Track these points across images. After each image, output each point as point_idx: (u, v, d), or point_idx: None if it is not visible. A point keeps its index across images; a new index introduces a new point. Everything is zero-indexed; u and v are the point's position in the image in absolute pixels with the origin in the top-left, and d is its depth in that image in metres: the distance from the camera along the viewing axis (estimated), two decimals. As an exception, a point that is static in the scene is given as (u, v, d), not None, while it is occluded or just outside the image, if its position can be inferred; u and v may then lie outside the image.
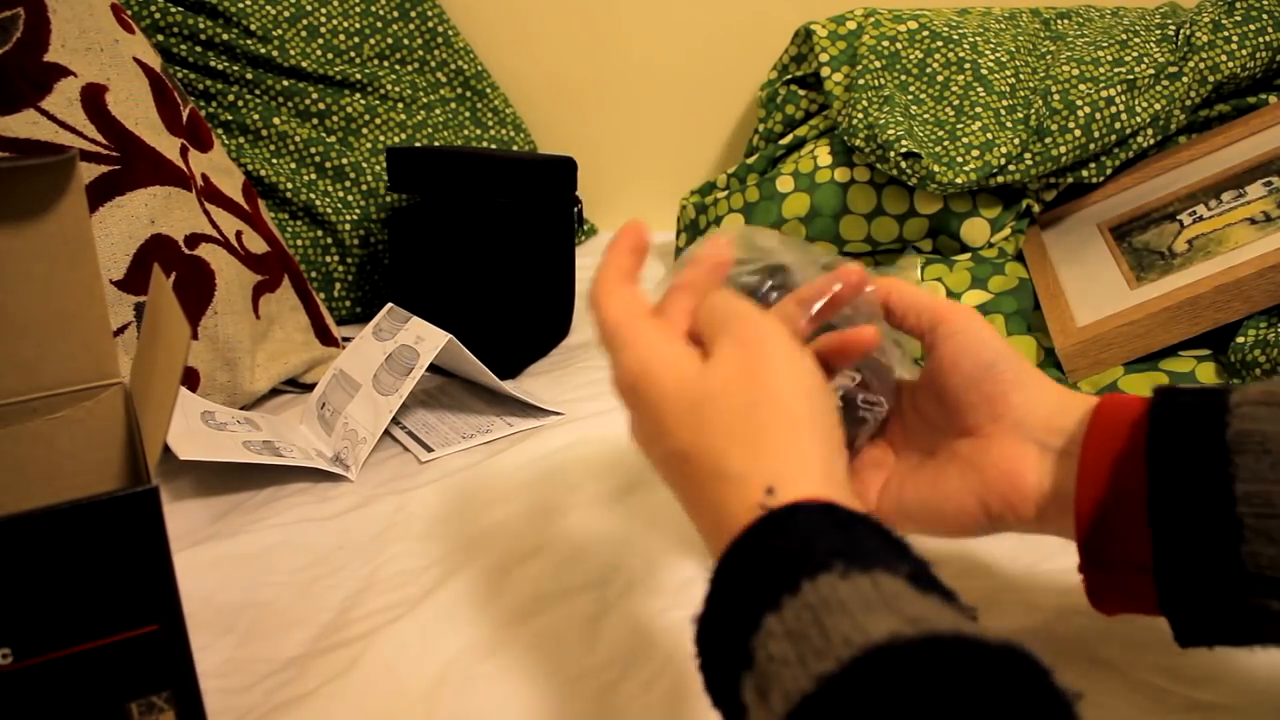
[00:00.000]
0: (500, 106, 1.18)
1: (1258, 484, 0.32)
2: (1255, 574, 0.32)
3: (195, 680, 0.35)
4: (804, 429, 0.33)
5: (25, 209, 0.43)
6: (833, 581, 0.26)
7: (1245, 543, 0.32)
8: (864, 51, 1.03)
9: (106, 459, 0.48)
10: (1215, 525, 0.33)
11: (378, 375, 0.72)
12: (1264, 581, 0.32)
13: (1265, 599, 0.32)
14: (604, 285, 0.39)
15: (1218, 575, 0.33)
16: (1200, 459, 0.33)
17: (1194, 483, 0.33)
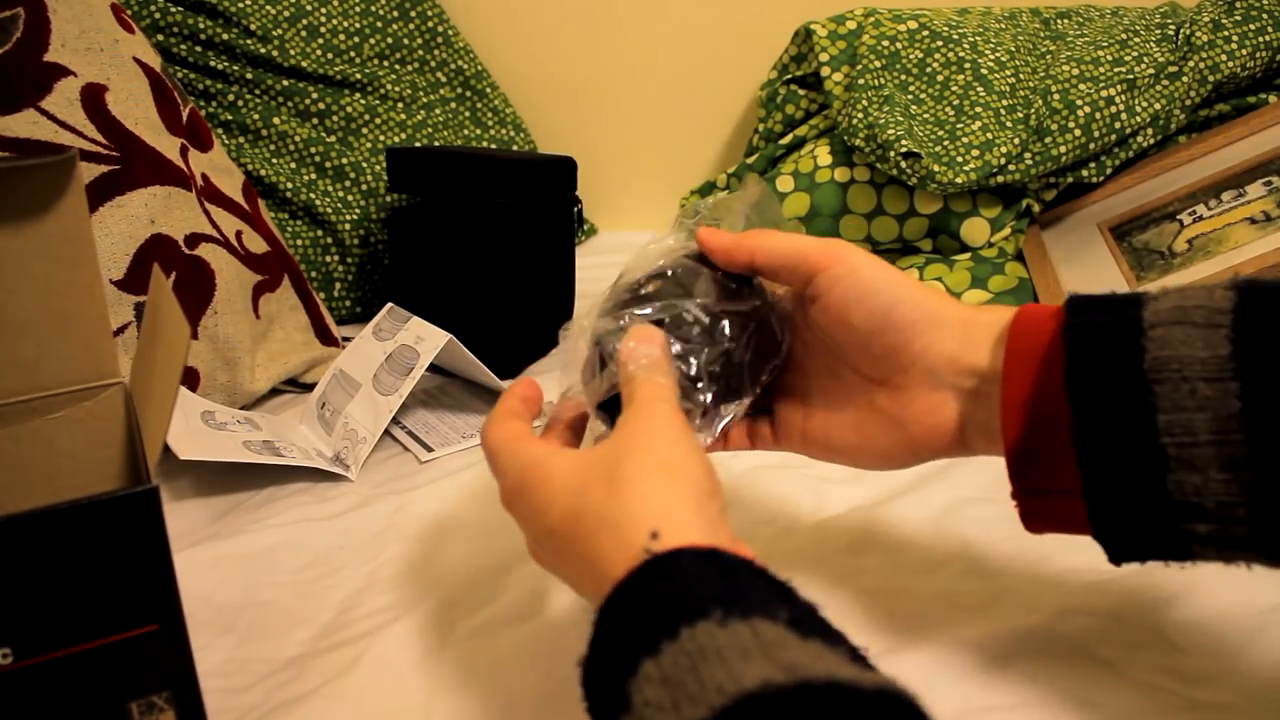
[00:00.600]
0: (500, 106, 1.18)
1: (1178, 413, 0.32)
2: (1181, 501, 0.33)
3: (195, 680, 0.35)
4: (675, 474, 0.34)
5: (25, 209, 0.43)
6: (711, 629, 0.26)
7: (1170, 472, 0.33)
8: (864, 51, 1.03)
9: (106, 459, 0.48)
10: (1140, 457, 0.33)
11: (378, 375, 0.72)
12: (1190, 507, 0.33)
13: (1192, 524, 0.33)
14: (490, 420, 0.41)
15: (1146, 504, 0.34)
16: (1120, 392, 0.33)
17: (1116, 416, 0.33)
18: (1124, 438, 0.33)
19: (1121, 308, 0.35)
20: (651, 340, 0.40)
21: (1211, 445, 0.32)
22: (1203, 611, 0.51)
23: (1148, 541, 0.35)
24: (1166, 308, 0.34)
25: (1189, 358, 0.32)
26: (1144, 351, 0.33)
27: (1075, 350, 0.35)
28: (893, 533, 0.59)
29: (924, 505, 0.62)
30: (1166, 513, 0.34)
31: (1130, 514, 0.34)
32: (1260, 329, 0.32)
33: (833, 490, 0.64)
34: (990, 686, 0.45)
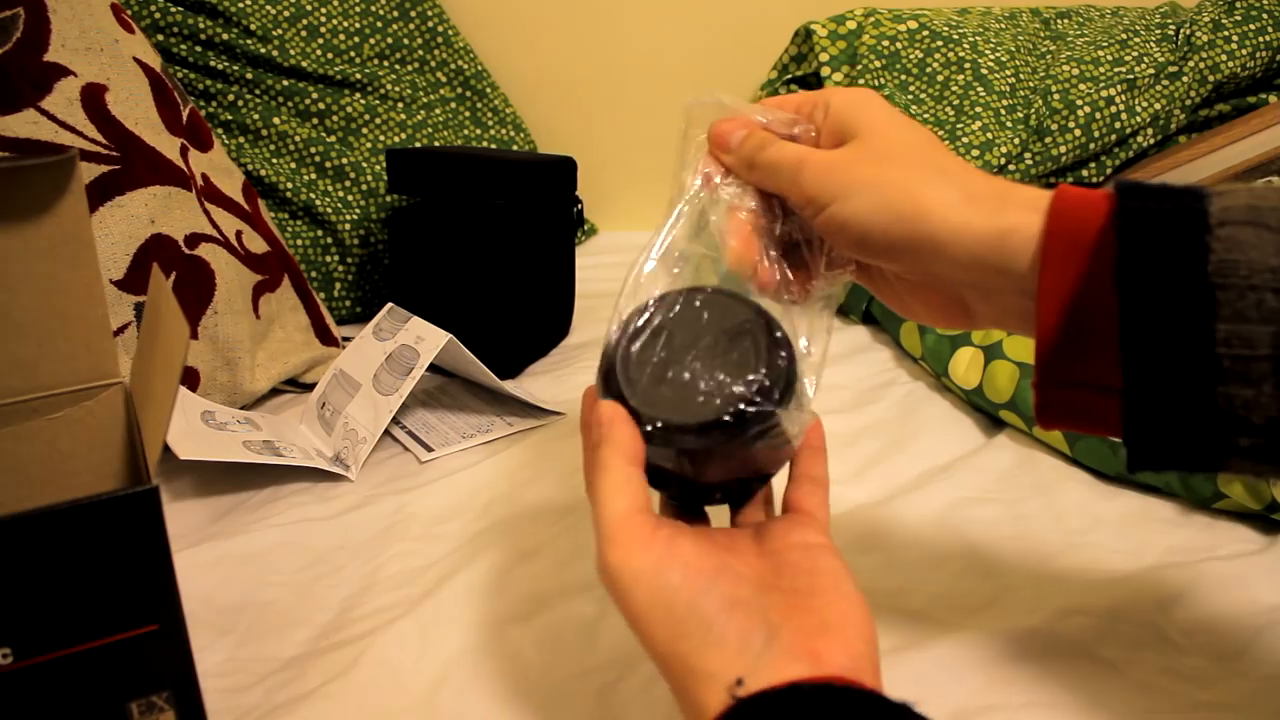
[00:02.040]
0: (500, 106, 1.18)
1: (1239, 323, 0.30)
2: (1228, 413, 0.31)
3: (195, 680, 0.35)
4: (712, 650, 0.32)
5: (25, 209, 0.43)
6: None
7: (1222, 383, 0.31)
8: (864, 51, 1.03)
9: (106, 459, 0.48)
10: (1192, 364, 0.31)
11: (378, 375, 0.72)
12: (1236, 420, 0.31)
13: (1235, 437, 0.32)
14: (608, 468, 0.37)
15: (1190, 412, 0.32)
16: (1178, 293, 0.31)
17: (1170, 318, 0.31)
18: (1177, 342, 0.31)
19: (1182, 197, 0.32)
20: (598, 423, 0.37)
21: (1270, 360, 0.30)
22: (1203, 611, 0.51)
23: (1179, 449, 0.33)
24: (1238, 205, 0.31)
25: (1259, 264, 0.30)
26: (1209, 251, 0.31)
27: (1129, 239, 0.32)
28: (893, 533, 0.59)
29: (924, 505, 0.62)
30: (1209, 423, 0.32)
31: (1169, 421, 0.32)
32: None
33: (834, 490, 0.64)
34: (990, 686, 0.45)
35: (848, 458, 0.69)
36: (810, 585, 0.35)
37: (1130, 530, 0.59)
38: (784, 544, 0.38)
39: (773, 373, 0.38)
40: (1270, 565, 0.55)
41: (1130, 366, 0.32)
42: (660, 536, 0.34)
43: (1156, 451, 0.33)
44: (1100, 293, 0.33)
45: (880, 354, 0.90)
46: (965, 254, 0.36)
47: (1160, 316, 0.31)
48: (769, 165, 0.41)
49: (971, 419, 0.76)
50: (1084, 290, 0.34)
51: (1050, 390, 0.36)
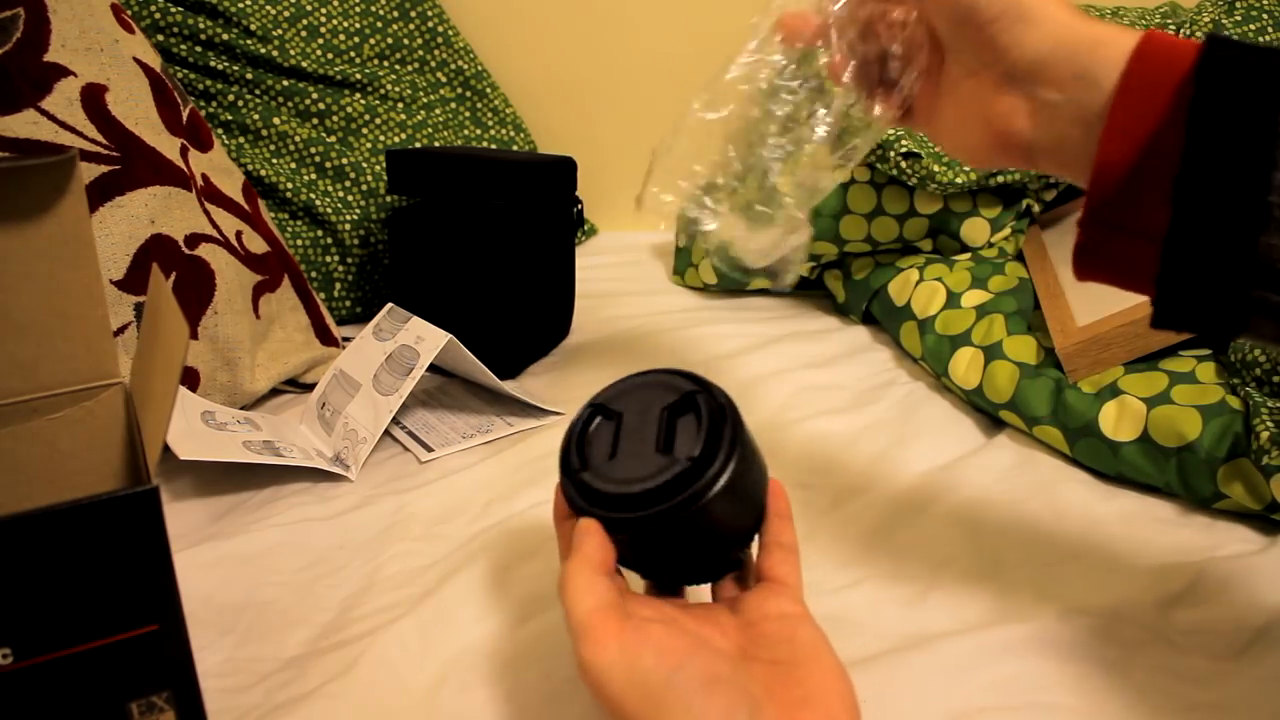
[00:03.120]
0: (500, 106, 1.18)
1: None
2: (1266, 264, 0.31)
3: (195, 680, 0.35)
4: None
5: (25, 209, 0.43)
6: None
7: (1266, 232, 0.31)
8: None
9: (106, 459, 0.48)
10: (1240, 208, 0.31)
11: (378, 375, 0.72)
12: (1272, 274, 0.31)
13: (1267, 291, 0.32)
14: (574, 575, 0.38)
15: (1228, 259, 0.32)
16: (1243, 140, 0.31)
17: (1229, 158, 0.31)
18: (1232, 183, 0.31)
19: (1270, 55, 0.32)
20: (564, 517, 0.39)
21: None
22: (1203, 611, 0.51)
23: (1208, 301, 0.33)
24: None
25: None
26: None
27: (1207, 81, 0.32)
28: (894, 533, 0.60)
29: (924, 505, 0.62)
30: (1244, 273, 0.32)
31: (1205, 266, 0.32)
32: None
33: (834, 490, 0.64)
34: (991, 686, 0.45)
35: (848, 458, 0.69)
36: (790, 656, 0.36)
37: (1130, 530, 0.59)
38: (760, 614, 0.39)
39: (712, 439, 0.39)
40: (1270, 565, 0.55)
41: (1180, 204, 0.32)
42: (629, 626, 0.35)
43: (1184, 303, 0.33)
44: (1167, 136, 0.33)
45: (880, 354, 0.90)
46: (1056, 41, 0.36)
47: (1220, 159, 0.31)
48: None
49: (971, 419, 0.76)
50: (1152, 132, 0.34)
51: (1094, 230, 0.36)
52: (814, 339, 0.94)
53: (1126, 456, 0.64)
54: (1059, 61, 0.37)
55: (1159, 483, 0.63)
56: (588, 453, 0.41)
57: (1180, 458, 0.61)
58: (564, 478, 0.41)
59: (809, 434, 0.73)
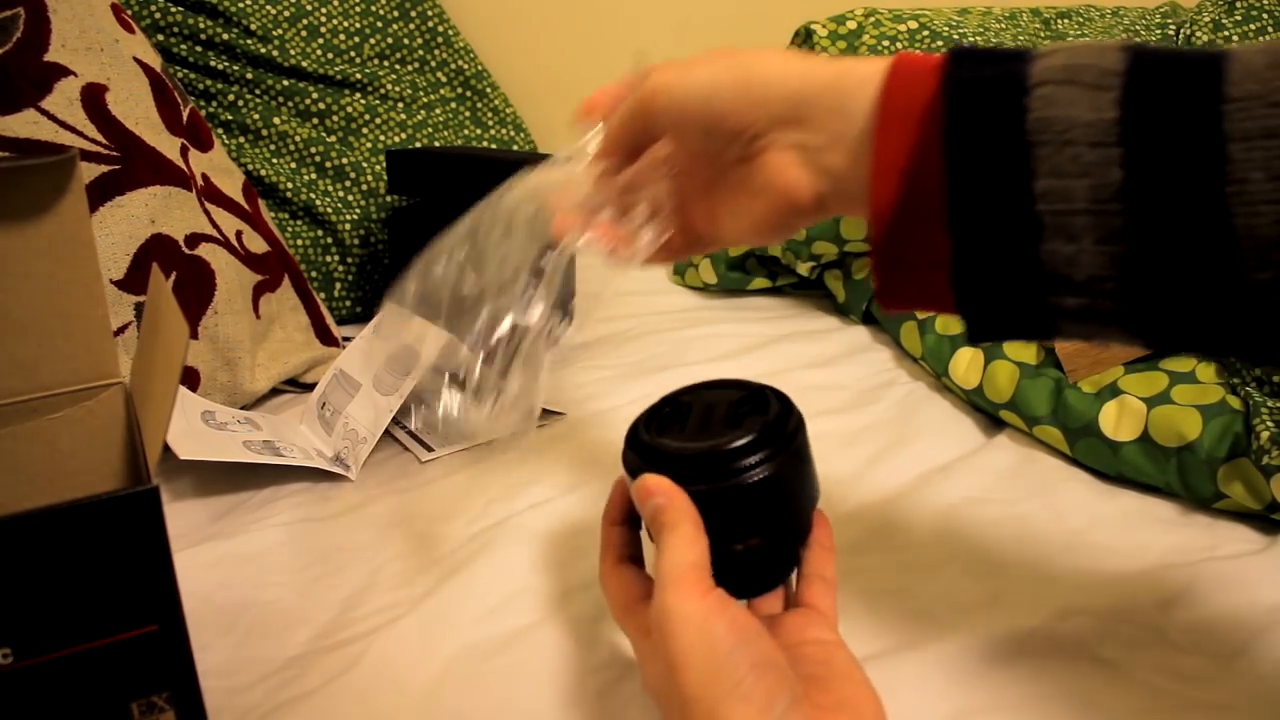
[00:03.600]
0: (500, 106, 1.18)
1: (1057, 179, 0.30)
2: (1051, 272, 0.31)
3: (196, 680, 0.35)
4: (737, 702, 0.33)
5: (25, 209, 0.43)
6: None
7: (1044, 241, 0.31)
8: (864, 51, 1.03)
9: (106, 459, 0.48)
10: (1014, 222, 0.31)
11: (378, 375, 0.72)
12: (1060, 280, 0.31)
13: (1060, 297, 0.32)
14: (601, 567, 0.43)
15: (1016, 274, 0.32)
16: (998, 152, 0.31)
17: (992, 177, 0.31)
18: (999, 201, 0.31)
19: (1008, 62, 0.33)
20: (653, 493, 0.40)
21: (1088, 215, 0.30)
22: (1203, 611, 0.51)
23: (1012, 316, 0.33)
24: (1056, 65, 0.32)
25: (1073, 119, 0.30)
26: (1027, 110, 0.31)
27: (954, 105, 0.32)
28: (894, 533, 0.59)
29: (924, 505, 0.62)
30: (1035, 284, 0.32)
31: (998, 284, 0.33)
32: (1150, 95, 0.30)
33: (834, 490, 0.64)
34: (990, 686, 0.45)
35: (848, 458, 0.69)
36: (826, 673, 0.37)
37: (1130, 530, 0.59)
38: (799, 637, 0.40)
39: (780, 420, 0.42)
40: (1270, 565, 0.55)
41: (958, 231, 0.32)
42: (715, 593, 0.36)
43: (990, 320, 0.34)
44: (930, 164, 0.33)
45: (880, 354, 0.90)
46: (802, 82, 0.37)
47: (983, 180, 0.32)
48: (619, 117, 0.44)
49: (971, 419, 0.76)
50: (916, 163, 0.34)
51: (887, 269, 0.36)
52: (814, 339, 0.94)
53: (1126, 456, 0.64)
54: (809, 101, 0.37)
55: (1159, 483, 0.63)
56: (655, 428, 0.43)
57: (1180, 458, 0.61)
58: (629, 449, 0.43)
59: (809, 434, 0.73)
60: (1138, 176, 0.30)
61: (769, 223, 0.41)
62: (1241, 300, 0.29)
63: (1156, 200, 0.30)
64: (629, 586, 0.42)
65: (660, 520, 0.38)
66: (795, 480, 0.42)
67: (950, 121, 0.32)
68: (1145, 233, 0.30)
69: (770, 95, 0.38)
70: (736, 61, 0.39)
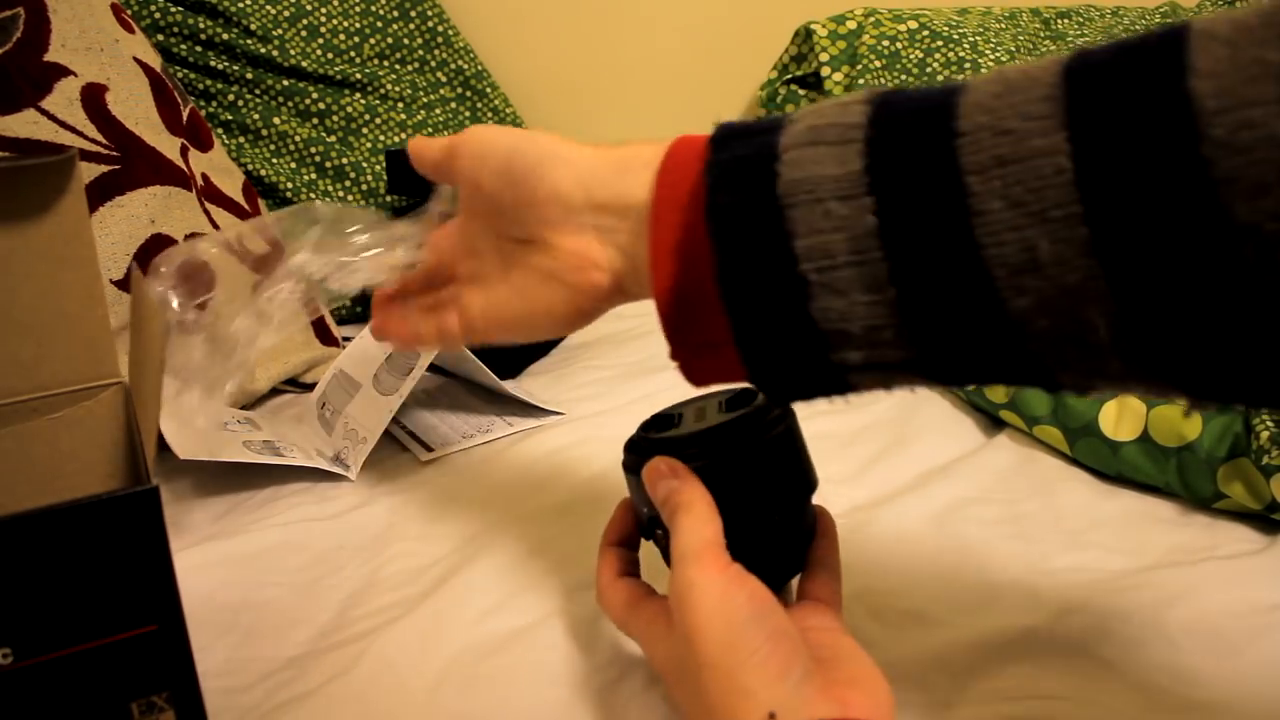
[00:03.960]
0: (500, 106, 1.18)
1: (815, 237, 0.31)
2: (829, 330, 0.31)
3: (195, 680, 0.35)
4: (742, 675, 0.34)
5: (25, 209, 0.43)
6: None
7: (813, 299, 0.31)
8: (864, 51, 1.03)
9: (106, 459, 0.48)
10: (782, 287, 0.31)
11: (378, 375, 0.72)
12: (839, 335, 0.31)
13: (843, 352, 0.32)
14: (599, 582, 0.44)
15: (794, 338, 0.32)
16: (756, 221, 0.32)
17: (754, 247, 0.32)
18: (764, 269, 0.32)
19: (761, 134, 0.33)
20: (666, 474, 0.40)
21: (851, 266, 0.30)
22: (1203, 611, 0.51)
23: (802, 379, 0.33)
24: (801, 129, 0.32)
25: (821, 177, 0.31)
26: (777, 176, 0.31)
27: (714, 183, 0.33)
28: (893, 533, 0.59)
29: (924, 505, 0.62)
30: (815, 345, 0.32)
31: (780, 351, 0.33)
32: (894, 140, 0.30)
33: (833, 490, 0.64)
34: (990, 686, 0.45)
35: (847, 458, 0.69)
36: (834, 655, 0.37)
37: (1130, 530, 0.59)
38: (805, 625, 0.40)
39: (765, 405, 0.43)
40: (1270, 565, 0.55)
41: (732, 307, 0.33)
42: (734, 567, 0.37)
43: (784, 387, 0.34)
44: (703, 244, 0.33)
45: (880, 354, 0.90)
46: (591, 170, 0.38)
47: (746, 251, 0.32)
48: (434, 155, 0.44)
49: (971, 419, 0.76)
50: (689, 244, 0.34)
51: (683, 352, 0.37)
52: (814, 339, 0.93)
53: (1126, 456, 0.64)
54: (599, 186, 0.38)
55: (1159, 483, 0.63)
56: (652, 431, 0.44)
57: (1180, 458, 0.61)
58: (629, 453, 0.44)
59: (808, 434, 0.73)
60: (890, 221, 0.30)
61: (568, 308, 0.42)
62: (1007, 329, 0.29)
63: (912, 242, 0.30)
64: (630, 590, 0.42)
65: (675, 501, 0.39)
66: (796, 454, 0.44)
67: (710, 200, 0.33)
68: (908, 275, 0.30)
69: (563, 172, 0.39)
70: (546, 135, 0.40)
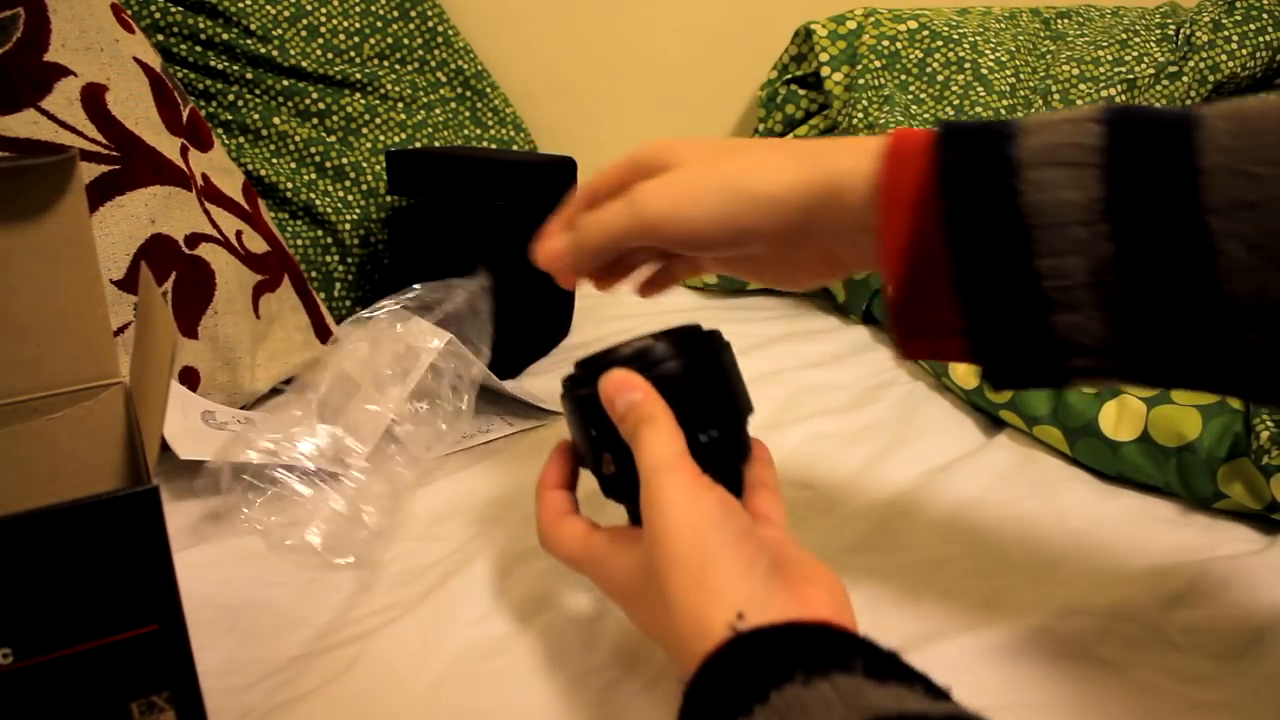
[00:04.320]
0: (500, 106, 1.18)
1: (1055, 258, 0.33)
2: (1062, 339, 0.34)
3: (195, 680, 0.35)
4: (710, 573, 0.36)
5: (25, 209, 0.43)
6: (795, 690, 0.30)
7: (1052, 312, 0.34)
8: (864, 51, 1.03)
9: (106, 459, 0.48)
10: (1022, 300, 0.34)
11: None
12: (1071, 345, 0.34)
13: (1072, 359, 0.34)
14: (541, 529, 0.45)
15: (1029, 342, 0.35)
16: (999, 237, 0.34)
17: (996, 261, 0.34)
18: (1006, 282, 0.34)
19: (992, 141, 0.35)
20: (628, 387, 0.41)
21: (1088, 288, 0.33)
22: (1203, 611, 0.51)
23: (1028, 373, 0.36)
24: (1039, 145, 0.34)
25: (1063, 202, 0.33)
26: (1019, 194, 0.33)
27: (950, 193, 0.35)
28: (893, 532, 0.60)
29: (924, 505, 0.62)
30: (1048, 349, 0.34)
31: (1013, 349, 0.35)
32: (1133, 172, 0.32)
33: (834, 490, 0.64)
34: (990, 686, 0.45)
35: (848, 457, 0.69)
36: (790, 557, 0.39)
37: (1130, 530, 0.59)
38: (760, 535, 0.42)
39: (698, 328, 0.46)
40: (1270, 565, 0.55)
41: (970, 309, 0.35)
42: (704, 477, 0.39)
43: (1008, 376, 0.36)
44: (935, 242, 0.35)
45: (880, 354, 0.90)
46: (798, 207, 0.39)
47: (988, 260, 0.34)
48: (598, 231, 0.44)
49: (971, 419, 0.76)
50: (921, 240, 0.36)
51: (906, 335, 0.39)
52: (814, 339, 0.94)
53: (1126, 456, 0.64)
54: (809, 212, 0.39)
55: (1159, 483, 0.63)
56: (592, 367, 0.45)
57: (1180, 457, 0.61)
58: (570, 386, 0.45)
59: (809, 434, 0.73)
60: (1128, 250, 0.32)
61: (799, 286, 0.46)
62: (1237, 356, 0.32)
63: (1149, 271, 0.32)
64: (577, 525, 0.44)
65: (638, 414, 0.40)
66: (735, 369, 0.45)
67: (948, 209, 0.35)
68: (1142, 301, 0.33)
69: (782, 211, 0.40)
70: (732, 178, 0.40)
